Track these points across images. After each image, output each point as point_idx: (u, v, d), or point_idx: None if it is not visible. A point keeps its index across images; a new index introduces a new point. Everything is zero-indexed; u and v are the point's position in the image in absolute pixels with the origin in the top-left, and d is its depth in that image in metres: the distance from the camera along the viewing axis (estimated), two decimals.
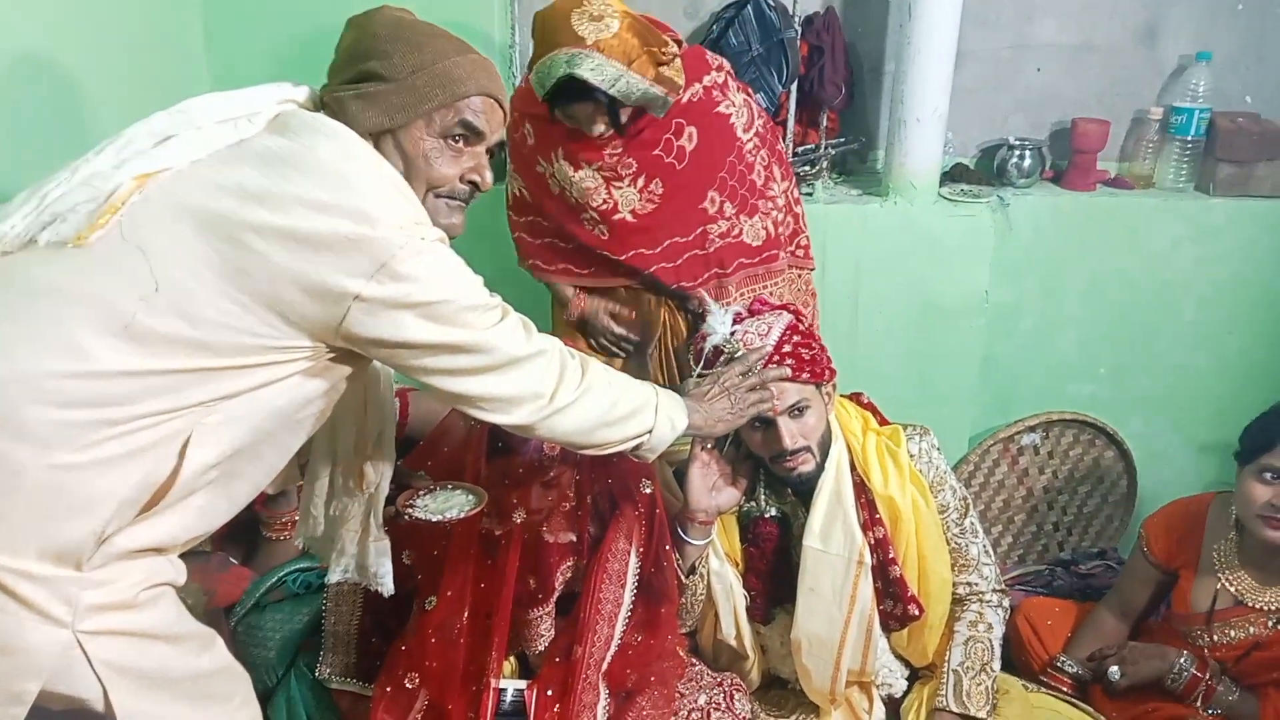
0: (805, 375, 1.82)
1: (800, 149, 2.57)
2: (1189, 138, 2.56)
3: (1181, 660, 1.96)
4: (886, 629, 1.92)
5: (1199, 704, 1.94)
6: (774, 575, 1.93)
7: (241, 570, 2.03)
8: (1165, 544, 2.08)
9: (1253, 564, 1.93)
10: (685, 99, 2.01)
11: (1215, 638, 1.96)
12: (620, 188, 2.04)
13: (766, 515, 1.94)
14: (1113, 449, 2.64)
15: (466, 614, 1.74)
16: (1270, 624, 1.89)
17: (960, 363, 2.59)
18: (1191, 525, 2.04)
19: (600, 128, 1.93)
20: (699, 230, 2.08)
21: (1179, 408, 2.65)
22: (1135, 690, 2.01)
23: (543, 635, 1.85)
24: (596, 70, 1.83)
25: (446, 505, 1.56)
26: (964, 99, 2.52)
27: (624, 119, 1.93)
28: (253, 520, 2.06)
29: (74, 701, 1.14)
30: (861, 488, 1.89)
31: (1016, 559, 2.64)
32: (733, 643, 1.97)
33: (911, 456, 1.96)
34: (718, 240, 2.10)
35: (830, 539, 1.86)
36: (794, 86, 2.48)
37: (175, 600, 1.25)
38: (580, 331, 2.24)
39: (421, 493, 1.57)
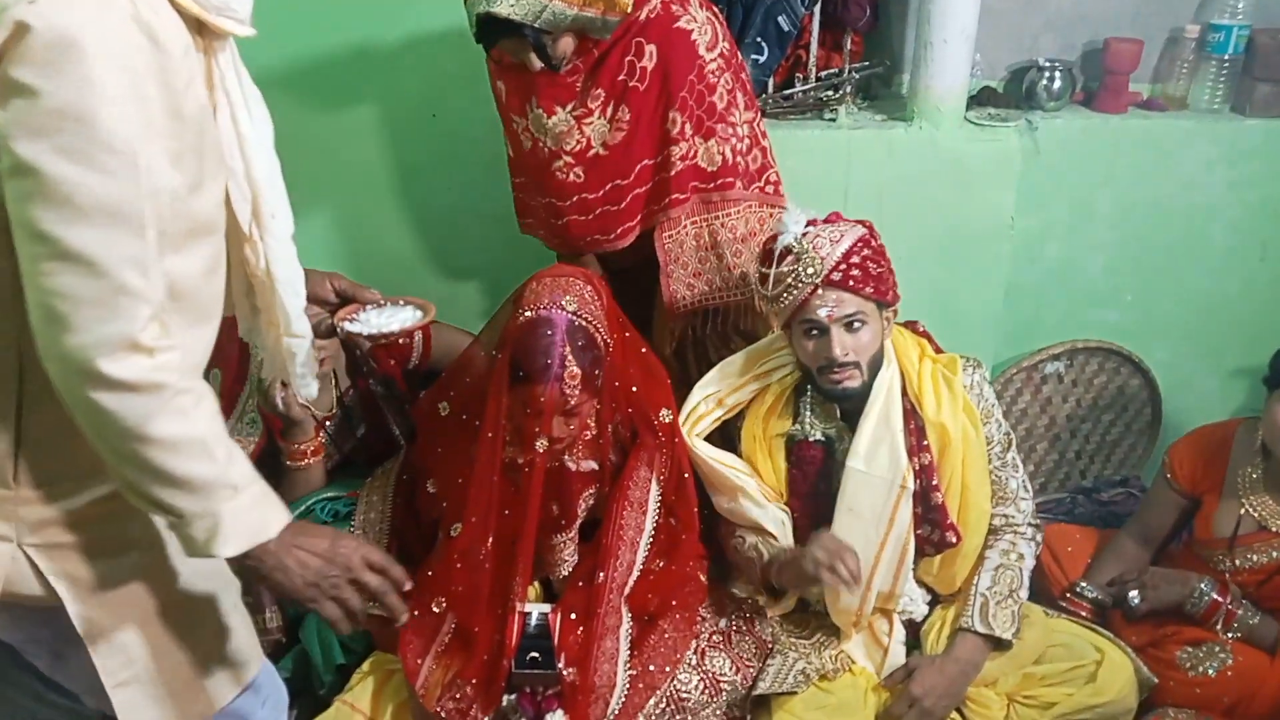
0: (869, 289, 1.81)
1: (824, 73, 2.51)
2: (1226, 56, 2.48)
3: (1202, 585, 1.97)
4: (921, 554, 1.93)
5: (1219, 628, 1.95)
6: (816, 497, 1.94)
7: None
8: (1190, 469, 2.08)
9: (1277, 489, 1.92)
10: (643, 16, 1.96)
11: (1237, 562, 1.97)
12: (591, 123, 2.01)
13: (811, 439, 1.95)
14: (1138, 377, 2.61)
15: (491, 540, 1.77)
16: None
17: (984, 290, 2.55)
18: (1217, 451, 2.03)
19: (536, 63, 1.89)
20: (663, 153, 2.05)
21: (1206, 335, 2.62)
22: (1154, 615, 2.02)
23: (566, 561, 1.89)
24: (516, 5, 1.79)
25: (389, 320, 1.39)
26: (992, 19, 2.44)
27: (560, 49, 1.89)
28: (276, 451, 2.08)
29: (39, 604, 1.17)
30: (912, 413, 1.90)
31: (1038, 487, 2.64)
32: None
33: (965, 387, 1.95)
34: (679, 163, 2.05)
35: (874, 461, 1.87)
36: (817, 8, 2.41)
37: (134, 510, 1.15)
38: None
39: (367, 308, 1.40)
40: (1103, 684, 1.86)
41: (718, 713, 1.86)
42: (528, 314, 1.74)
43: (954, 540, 1.90)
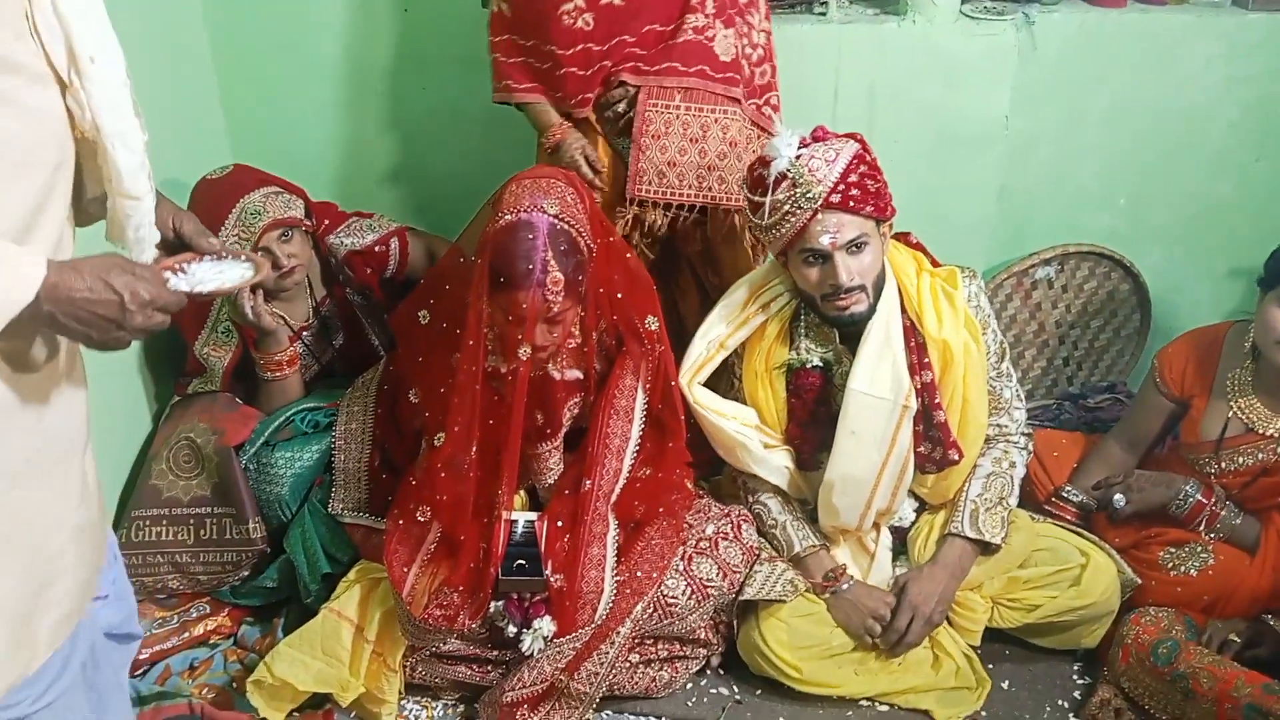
0: (869, 209, 1.76)
1: None
2: None
3: (1188, 487, 1.98)
4: (923, 471, 1.93)
5: (1202, 529, 1.96)
6: (816, 423, 1.93)
7: (249, 410, 2.04)
8: (1179, 372, 2.06)
9: (1266, 391, 1.91)
10: None
11: (1223, 465, 1.97)
12: None
13: (809, 365, 1.92)
14: (1128, 281, 2.58)
15: (475, 449, 1.75)
16: (1279, 450, 1.89)
17: (976, 193, 2.50)
18: (1206, 353, 2.02)
19: None
20: (678, 21, 1.95)
21: (1199, 239, 2.58)
22: (1139, 517, 2.03)
23: (551, 469, 1.87)
24: None
25: (213, 277, 1.23)
26: None
27: None
28: (252, 361, 2.04)
29: None
30: (912, 330, 1.87)
31: (1026, 393, 2.63)
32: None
33: (965, 300, 1.92)
34: (690, 33, 1.96)
35: (876, 382, 1.85)
36: None
37: None
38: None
39: (202, 259, 1.24)
40: (1087, 586, 1.88)
41: (705, 618, 1.87)
42: (507, 217, 1.68)
43: (956, 458, 1.89)
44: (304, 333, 2.11)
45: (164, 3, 2.25)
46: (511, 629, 1.74)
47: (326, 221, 2.10)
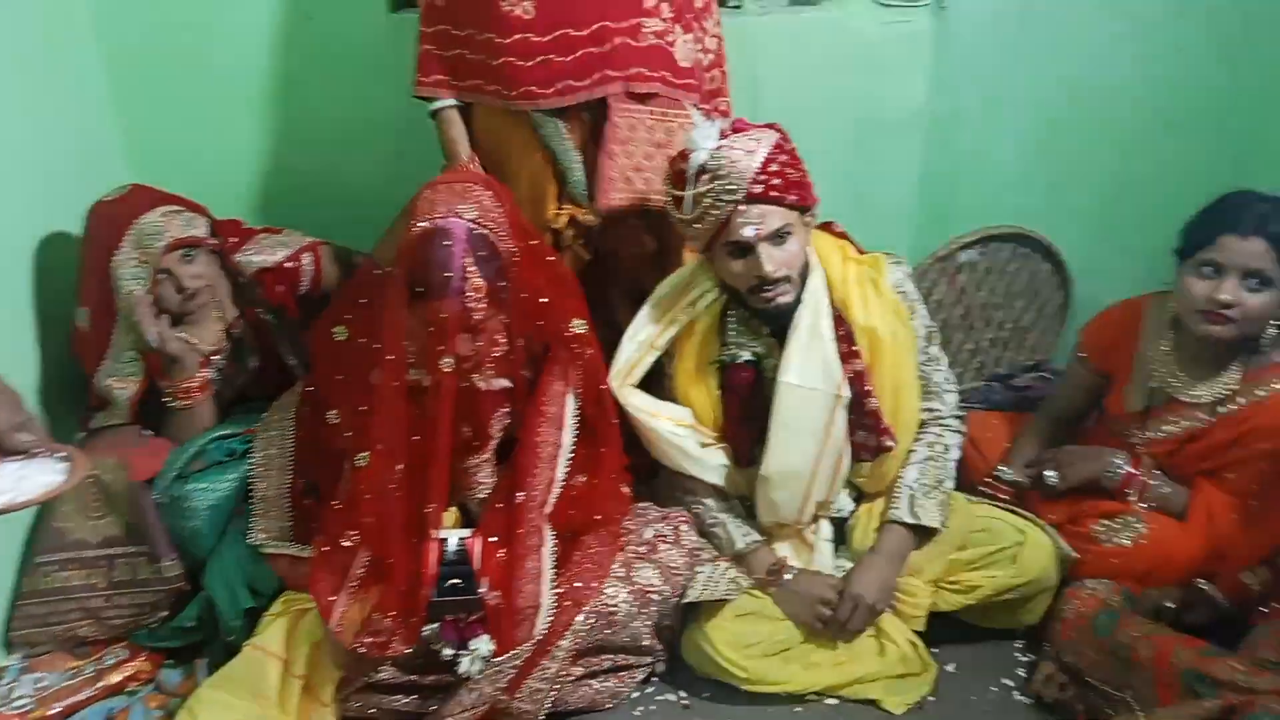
0: (791, 198, 1.75)
1: None
2: None
3: (1116, 459, 2.00)
4: (858, 460, 1.92)
5: (1133, 499, 1.99)
6: (750, 418, 1.91)
7: (159, 441, 1.94)
8: (1101, 347, 2.09)
9: (1187, 360, 1.94)
10: None
11: (1150, 435, 2.00)
12: None
13: (740, 361, 1.90)
14: (1049, 261, 2.62)
15: (401, 467, 1.69)
16: (1202, 417, 1.92)
17: (898, 180, 2.51)
18: (1128, 327, 2.05)
19: None
20: (633, 21, 1.90)
21: (1115, 216, 2.62)
22: (1072, 492, 2.05)
23: (482, 483, 1.81)
24: None
25: (17, 484, 1.05)
26: None
27: None
28: (160, 391, 1.95)
29: None
30: (840, 319, 1.86)
31: (955, 376, 2.65)
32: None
33: (891, 286, 1.92)
34: (651, 38, 1.92)
35: (807, 374, 1.83)
36: None
37: None
38: None
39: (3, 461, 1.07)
40: (1025, 564, 1.89)
41: (648, 623, 1.83)
42: (422, 225, 1.62)
43: (890, 445, 1.90)
44: (215, 357, 2.01)
45: (48, 12, 2.14)
46: (448, 651, 1.68)
47: (233, 239, 2.01)
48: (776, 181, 1.73)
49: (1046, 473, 2.07)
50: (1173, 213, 1.94)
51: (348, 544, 1.71)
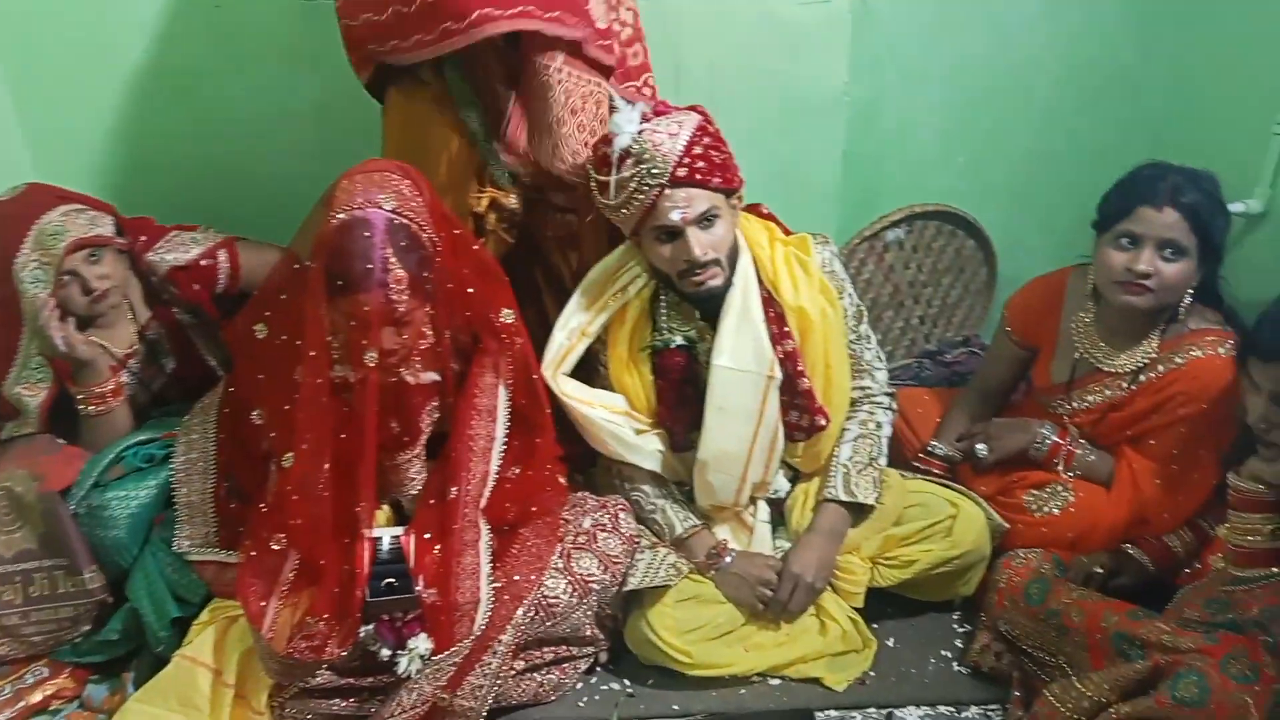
0: (717, 181, 1.75)
1: None
2: None
3: (1043, 429, 2.04)
4: (792, 439, 1.92)
5: (1060, 468, 2.03)
6: (684, 402, 1.91)
7: (73, 450, 1.86)
8: (1025, 321, 2.13)
9: (1108, 330, 1.98)
10: None
11: (1074, 405, 2.04)
12: None
13: (673, 345, 1.90)
14: (974, 238, 2.65)
15: (328, 466, 1.64)
16: (1124, 385, 1.96)
17: (824, 160, 2.51)
18: (1050, 300, 2.08)
19: None
20: None
21: (1034, 192, 2.67)
22: (1002, 464, 2.09)
23: (414, 479, 1.78)
24: None
25: None
26: None
27: None
28: (71, 398, 1.87)
29: None
30: (770, 301, 1.87)
31: (886, 354, 2.68)
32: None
33: (818, 265, 1.93)
34: None
35: (740, 355, 1.84)
36: None
37: None
38: None
39: None
40: (958, 536, 1.92)
41: (589, 614, 1.82)
42: (340, 216, 1.57)
43: (823, 424, 1.91)
44: (129, 360, 1.94)
45: None
46: (385, 652, 1.64)
47: (143, 238, 1.94)
48: (701, 165, 1.72)
49: (977, 446, 2.11)
50: (1091, 187, 1.98)
51: (276, 547, 1.66)
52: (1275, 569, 1.62)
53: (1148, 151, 2.00)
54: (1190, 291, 1.88)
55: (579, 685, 1.88)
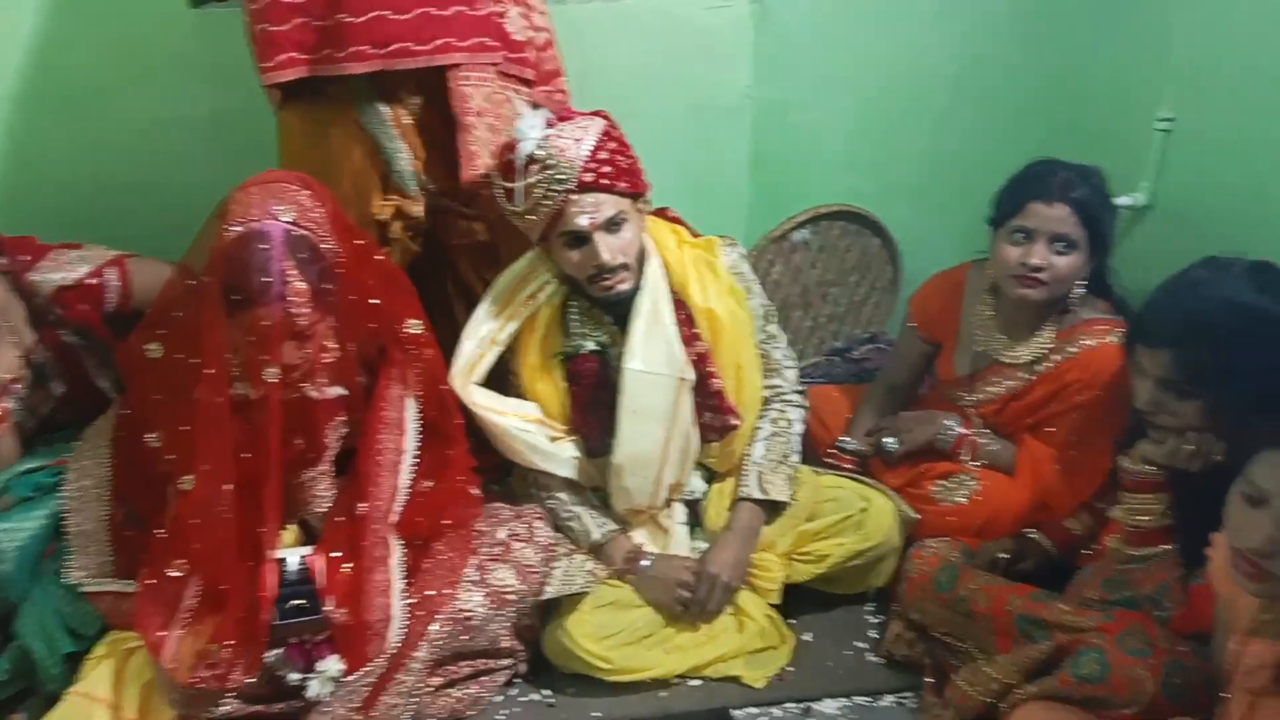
0: (623, 185, 1.75)
1: None
2: None
3: (948, 421, 2.10)
4: (706, 441, 1.94)
5: (966, 458, 2.09)
6: (598, 407, 1.90)
7: None
8: (928, 315, 2.18)
9: (1007, 322, 2.05)
10: None
11: (977, 396, 2.10)
12: None
13: (585, 351, 1.89)
14: (878, 237, 2.71)
15: (230, 487, 1.59)
16: (1023, 375, 2.02)
17: (730, 163, 2.54)
18: (951, 295, 2.14)
19: None
20: None
21: (934, 190, 2.73)
22: (911, 456, 2.14)
23: (321, 497, 1.74)
24: None
25: None
26: None
27: None
28: None
29: None
30: (680, 303, 1.88)
31: (797, 353, 2.72)
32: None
33: (726, 267, 1.94)
34: (491, 5, 1.83)
35: (651, 359, 1.84)
36: None
37: None
38: None
39: None
40: (870, 529, 1.96)
41: (507, 625, 1.80)
42: (236, 229, 1.53)
43: (736, 424, 1.93)
44: (14, 385, 1.85)
45: None
46: (295, 676, 1.60)
47: (24, 257, 1.85)
48: (607, 169, 1.72)
49: (885, 439, 2.15)
50: (987, 184, 2.04)
51: (176, 574, 1.60)
52: (1166, 546, 1.69)
53: (1038, 149, 2.07)
54: (1082, 283, 1.95)
55: (498, 698, 1.85)
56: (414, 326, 1.76)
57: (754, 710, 1.85)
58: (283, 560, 1.62)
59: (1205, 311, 1.54)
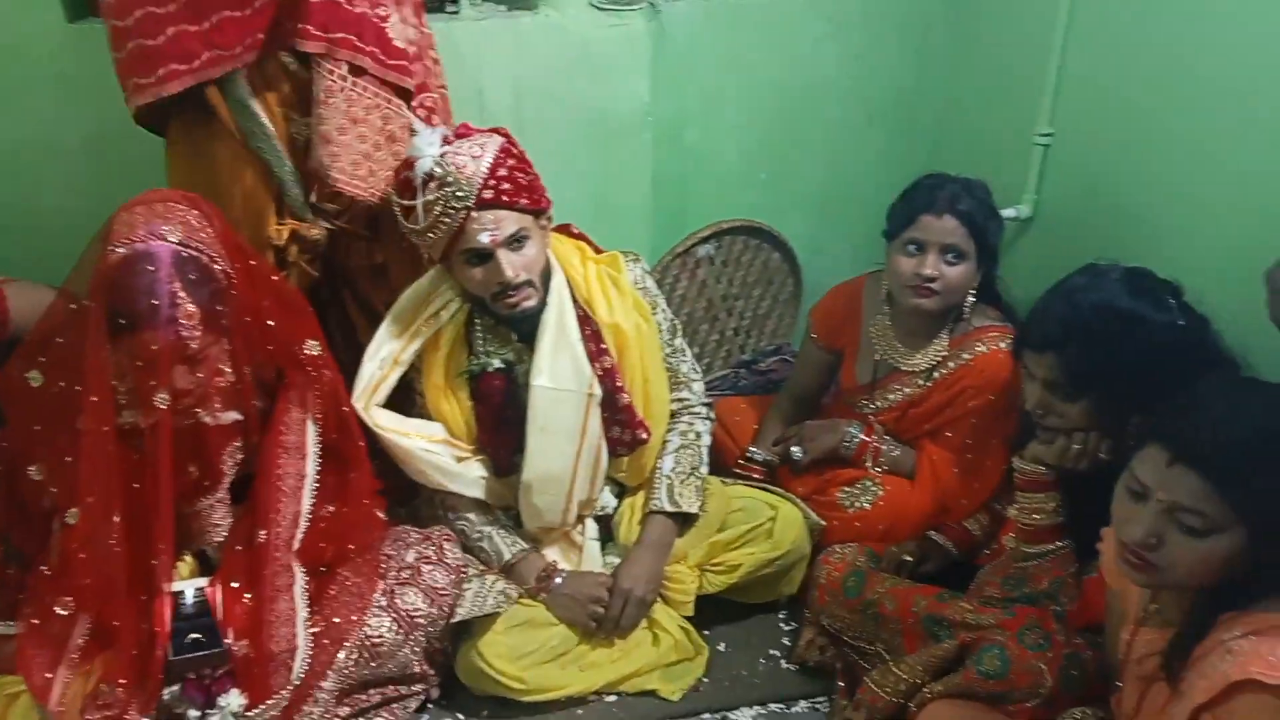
0: (524, 202, 1.74)
1: None
2: None
3: (851, 429, 2.15)
4: (615, 455, 1.93)
5: (869, 465, 2.14)
6: (506, 425, 1.89)
7: None
8: (829, 327, 2.23)
9: (904, 331, 2.11)
10: None
11: (878, 404, 2.15)
12: None
13: (490, 369, 1.87)
14: (778, 251, 2.76)
15: (119, 519, 1.52)
16: (920, 383, 2.09)
17: (632, 180, 2.56)
18: (850, 306, 2.20)
19: None
20: None
21: (831, 204, 2.81)
22: (816, 464, 2.18)
23: (218, 525, 1.68)
24: None
25: None
26: None
27: None
28: None
29: None
30: (586, 319, 1.87)
31: (704, 367, 2.75)
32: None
33: (631, 282, 1.95)
34: (364, 5, 1.77)
35: (559, 375, 1.83)
36: None
37: None
38: None
39: None
40: (779, 537, 1.98)
41: (417, 650, 1.77)
42: (120, 251, 1.47)
43: (645, 437, 1.93)
44: None
45: None
46: (193, 713, 1.53)
47: None
48: (507, 186, 1.71)
49: (792, 449, 2.19)
50: (881, 197, 2.10)
51: (63, 612, 1.52)
52: (1059, 543, 1.75)
53: (928, 164, 2.15)
54: (972, 292, 2.02)
55: None
56: (312, 348, 1.71)
57: None
58: (179, 593, 1.56)
59: (1085, 316, 1.61)
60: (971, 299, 2.03)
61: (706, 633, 2.00)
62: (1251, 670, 1.13)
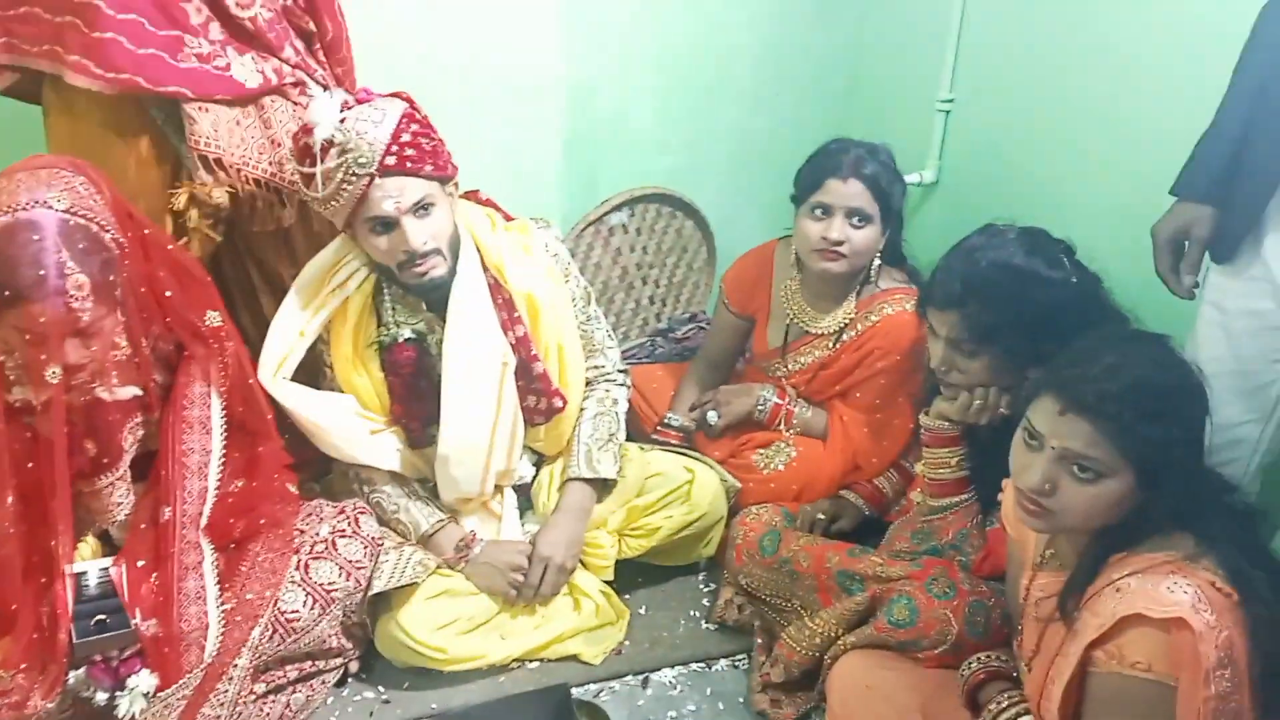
0: (428, 168, 1.69)
1: None
2: None
3: (764, 393, 2.18)
4: (532, 424, 1.92)
5: (782, 427, 2.18)
6: (420, 397, 1.86)
7: None
8: (740, 293, 2.26)
9: (813, 295, 2.14)
10: None
11: (790, 367, 2.19)
12: None
13: (401, 339, 1.83)
14: (691, 219, 2.78)
15: (12, 501, 1.45)
16: (830, 345, 2.13)
17: (543, 145, 2.54)
18: (760, 271, 2.22)
19: None
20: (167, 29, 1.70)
21: (742, 170, 2.83)
22: (732, 428, 2.22)
23: (120, 504, 1.61)
24: None
25: None
26: None
27: None
28: None
29: None
30: (497, 287, 1.85)
31: (621, 335, 2.76)
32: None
33: (541, 249, 1.93)
34: (194, 60, 1.72)
35: (471, 345, 1.80)
36: None
37: None
38: None
39: None
40: (696, 500, 2.01)
41: (334, 625, 1.74)
42: (2, 219, 1.39)
43: (561, 405, 1.92)
44: None
45: None
46: (101, 696, 1.48)
47: None
48: (410, 152, 1.68)
49: (708, 413, 2.22)
50: (792, 163, 2.12)
51: None
52: (964, 495, 1.82)
53: (835, 129, 2.18)
54: (879, 255, 2.07)
55: (330, 700, 1.80)
56: (213, 319, 1.66)
57: (593, 687, 1.87)
58: (81, 574, 1.50)
59: (984, 273, 1.66)
60: (878, 262, 2.07)
61: (627, 596, 2.02)
62: (1139, 606, 1.19)
